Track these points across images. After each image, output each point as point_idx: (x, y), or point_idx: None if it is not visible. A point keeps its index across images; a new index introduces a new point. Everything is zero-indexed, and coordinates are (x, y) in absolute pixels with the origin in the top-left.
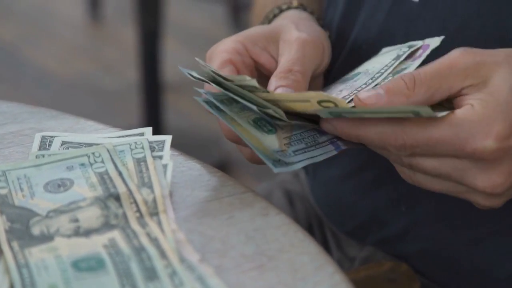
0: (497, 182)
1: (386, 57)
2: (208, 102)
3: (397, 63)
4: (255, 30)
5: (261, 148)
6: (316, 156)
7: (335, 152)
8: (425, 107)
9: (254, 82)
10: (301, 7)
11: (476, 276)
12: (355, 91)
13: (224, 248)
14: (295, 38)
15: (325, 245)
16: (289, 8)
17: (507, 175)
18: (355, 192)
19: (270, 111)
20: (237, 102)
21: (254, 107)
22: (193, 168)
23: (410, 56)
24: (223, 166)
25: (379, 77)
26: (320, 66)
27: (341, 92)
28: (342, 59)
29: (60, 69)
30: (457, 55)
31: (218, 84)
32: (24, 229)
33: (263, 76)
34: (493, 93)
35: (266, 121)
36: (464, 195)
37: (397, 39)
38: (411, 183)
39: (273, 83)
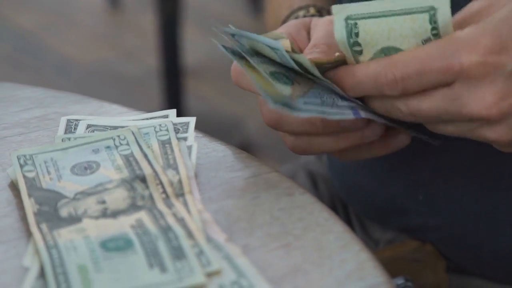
0: (489, 102)
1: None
2: (227, 49)
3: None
4: (298, 21)
5: (269, 89)
6: (329, 113)
7: (352, 117)
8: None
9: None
10: (321, 14)
11: (502, 262)
12: None
13: (250, 227)
14: (322, 20)
15: (349, 226)
16: (306, 15)
17: (501, 95)
18: (372, 181)
19: (300, 58)
20: (259, 55)
21: (286, 55)
22: (218, 150)
23: None
24: (245, 149)
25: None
26: None
27: None
28: None
29: (81, 57)
30: (471, 3)
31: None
32: (52, 211)
33: None
34: (489, 16)
35: (284, 75)
36: (473, 133)
37: None
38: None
39: None
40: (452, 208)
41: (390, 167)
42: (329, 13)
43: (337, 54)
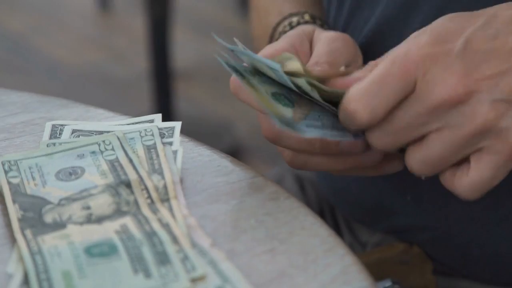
0: (452, 82)
1: None
2: (229, 66)
3: None
4: (300, 31)
5: (272, 109)
6: (331, 135)
7: (352, 139)
8: None
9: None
10: (314, 21)
11: (489, 262)
12: None
13: (235, 232)
14: (324, 35)
15: (337, 230)
16: (301, 22)
17: (461, 74)
18: (360, 183)
19: (299, 81)
20: (260, 75)
21: (285, 77)
22: (203, 154)
23: None
24: (234, 153)
25: None
26: (353, 63)
27: None
28: None
29: (70, 59)
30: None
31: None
32: (37, 217)
33: None
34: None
35: (285, 97)
36: (458, 131)
37: (395, 31)
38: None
39: None
40: (440, 208)
41: None
42: (321, 20)
43: (342, 68)
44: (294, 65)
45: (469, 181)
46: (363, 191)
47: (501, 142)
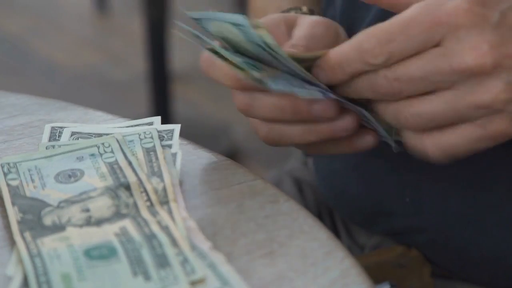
0: (482, 50)
1: None
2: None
3: None
4: (278, 15)
5: (243, 73)
6: (300, 92)
7: (322, 97)
8: None
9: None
10: (310, 12)
11: (487, 265)
12: None
13: (235, 235)
14: (307, 20)
15: (335, 233)
16: (297, 13)
17: (492, 43)
18: (359, 185)
19: (265, 36)
20: (226, 48)
21: (252, 31)
22: (202, 157)
23: None
24: (232, 155)
25: None
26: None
27: None
28: None
29: (67, 61)
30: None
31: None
32: (36, 220)
33: None
34: None
35: (252, 65)
36: (464, 99)
37: None
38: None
39: None
40: (439, 209)
41: (378, 169)
42: (319, 15)
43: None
44: (262, 32)
45: (443, 143)
46: (362, 192)
47: (495, 123)
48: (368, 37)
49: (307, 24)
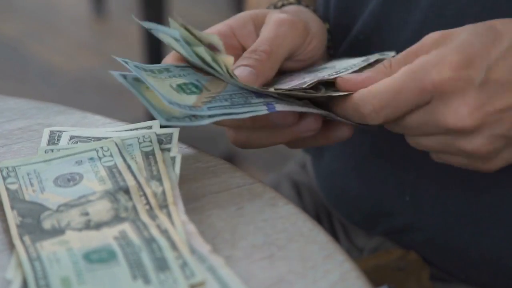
0: (463, 113)
1: (356, 59)
2: (125, 77)
3: (364, 64)
4: (246, 14)
5: (163, 107)
6: (238, 113)
7: (266, 112)
8: None
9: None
10: (298, 2)
11: (486, 265)
12: (317, 79)
13: (234, 238)
14: (274, 19)
15: (334, 236)
16: (285, 4)
17: (473, 106)
18: (359, 185)
19: (198, 49)
20: (168, 71)
21: (182, 40)
22: (201, 160)
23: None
24: (230, 159)
25: (344, 72)
26: (302, 48)
27: (304, 79)
28: (342, 50)
29: (65, 65)
30: (426, 36)
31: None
32: (36, 224)
33: None
34: (451, 39)
35: (194, 85)
36: (451, 146)
37: (394, 27)
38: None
39: (237, 63)
40: (438, 209)
41: (378, 169)
42: (307, 7)
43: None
44: (198, 49)
45: (438, 158)
46: (362, 191)
47: (477, 163)
48: (364, 103)
49: (272, 24)
